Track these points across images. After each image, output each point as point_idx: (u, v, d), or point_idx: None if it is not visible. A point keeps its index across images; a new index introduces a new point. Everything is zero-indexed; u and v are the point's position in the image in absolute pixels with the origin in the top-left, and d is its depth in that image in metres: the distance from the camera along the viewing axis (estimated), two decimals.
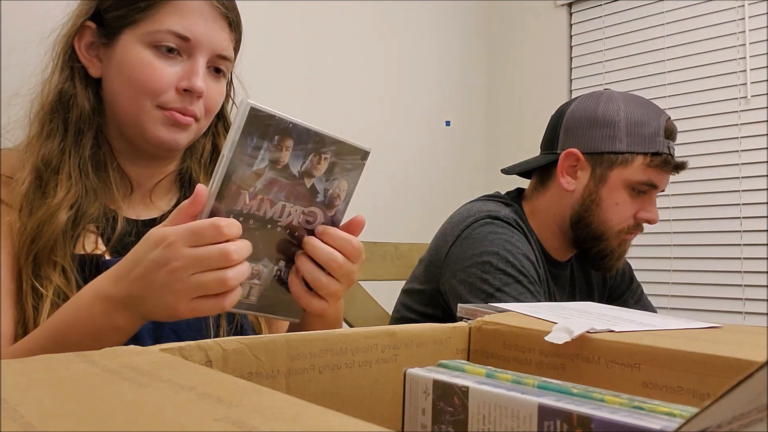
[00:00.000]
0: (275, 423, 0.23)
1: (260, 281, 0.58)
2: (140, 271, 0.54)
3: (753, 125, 1.90)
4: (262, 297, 0.59)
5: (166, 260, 0.52)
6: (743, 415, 0.20)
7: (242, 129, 0.51)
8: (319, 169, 0.56)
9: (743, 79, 1.91)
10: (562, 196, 1.12)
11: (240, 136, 0.51)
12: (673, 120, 1.10)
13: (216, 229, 0.52)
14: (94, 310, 0.57)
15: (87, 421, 0.23)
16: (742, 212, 1.90)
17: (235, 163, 0.52)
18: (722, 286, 1.92)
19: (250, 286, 0.57)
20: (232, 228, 0.53)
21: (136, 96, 0.74)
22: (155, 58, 0.74)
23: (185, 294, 0.53)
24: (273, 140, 0.53)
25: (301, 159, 0.55)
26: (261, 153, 0.52)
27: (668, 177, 1.09)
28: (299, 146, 0.54)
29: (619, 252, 1.11)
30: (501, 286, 1.00)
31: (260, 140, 0.52)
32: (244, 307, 0.58)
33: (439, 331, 0.51)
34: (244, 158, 0.52)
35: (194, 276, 0.52)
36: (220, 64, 0.78)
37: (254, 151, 0.52)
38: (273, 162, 0.53)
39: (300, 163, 0.55)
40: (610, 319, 0.54)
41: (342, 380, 0.45)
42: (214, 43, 0.76)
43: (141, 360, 0.34)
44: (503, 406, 0.33)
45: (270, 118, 0.52)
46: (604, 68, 2.24)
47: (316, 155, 0.55)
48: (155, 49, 0.74)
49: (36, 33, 0.81)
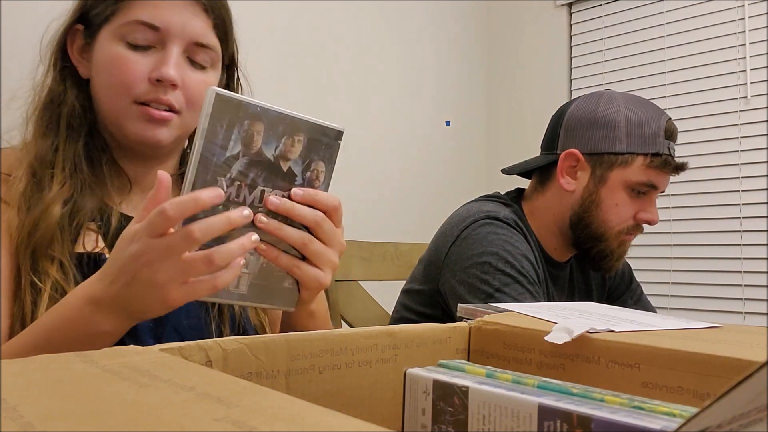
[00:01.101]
0: (275, 423, 0.23)
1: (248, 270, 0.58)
2: (120, 270, 0.54)
3: (753, 125, 1.90)
4: (253, 286, 0.58)
5: (139, 254, 0.52)
6: (743, 415, 0.20)
7: (210, 116, 0.52)
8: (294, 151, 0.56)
9: (743, 79, 1.91)
10: (562, 197, 1.12)
11: (209, 123, 0.52)
12: (673, 120, 1.10)
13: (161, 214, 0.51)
14: (81, 313, 0.56)
15: (87, 421, 0.23)
16: (742, 212, 1.90)
17: (207, 150, 0.52)
18: (722, 286, 1.92)
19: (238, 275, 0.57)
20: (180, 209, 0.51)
21: (114, 93, 0.73)
22: (127, 51, 0.72)
23: (173, 281, 0.52)
24: (243, 125, 0.53)
25: (274, 142, 0.55)
26: (233, 138, 0.53)
27: (668, 178, 1.09)
28: (271, 130, 0.55)
29: (618, 253, 1.11)
30: (500, 286, 1.00)
31: (230, 126, 0.53)
32: (235, 298, 0.58)
33: (439, 331, 0.51)
34: (217, 145, 0.53)
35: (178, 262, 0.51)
36: (201, 53, 0.75)
37: (225, 137, 0.53)
38: (246, 147, 0.54)
39: (274, 147, 0.55)
40: (610, 319, 0.54)
41: (342, 380, 0.45)
42: (187, 31, 0.73)
43: (141, 360, 0.34)
44: (503, 406, 0.33)
45: (237, 104, 0.53)
46: (604, 68, 2.24)
47: (289, 138, 0.56)
48: (127, 43, 0.72)
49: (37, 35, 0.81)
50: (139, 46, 0.73)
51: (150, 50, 0.73)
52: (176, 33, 0.73)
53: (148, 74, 0.72)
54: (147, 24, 0.72)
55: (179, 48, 0.73)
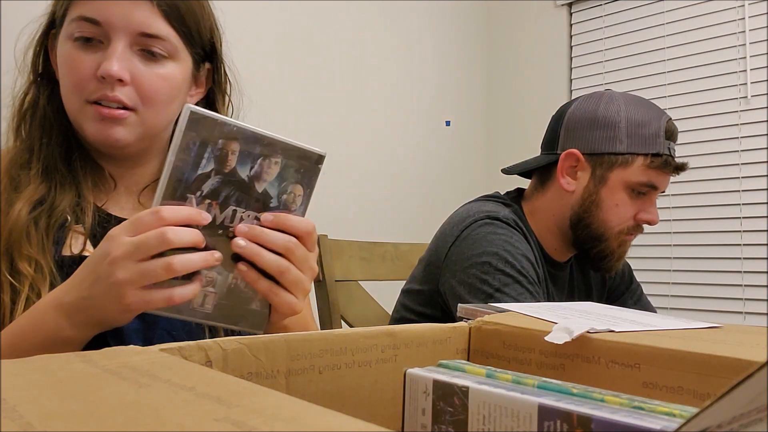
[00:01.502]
0: (275, 423, 0.23)
1: (215, 289, 0.57)
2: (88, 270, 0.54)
3: (753, 125, 1.90)
4: (219, 306, 0.57)
5: (106, 253, 0.52)
6: (743, 415, 0.20)
7: (184, 132, 0.51)
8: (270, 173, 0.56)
9: (743, 79, 1.91)
10: (562, 197, 1.12)
11: (182, 139, 0.52)
12: (673, 120, 1.10)
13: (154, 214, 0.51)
14: (46, 318, 0.56)
15: (87, 421, 0.23)
16: (742, 212, 1.90)
17: (179, 166, 0.52)
18: (722, 286, 1.92)
19: (204, 293, 0.56)
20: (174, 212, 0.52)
21: (69, 93, 0.73)
22: (75, 49, 0.71)
23: (130, 282, 0.52)
24: (217, 144, 0.53)
25: (249, 163, 0.55)
26: (206, 156, 0.53)
27: (668, 178, 1.09)
28: (246, 150, 0.54)
29: (618, 253, 1.11)
30: (500, 286, 1.00)
31: (204, 144, 0.52)
32: (199, 316, 0.57)
33: (439, 331, 0.51)
34: (188, 162, 0.52)
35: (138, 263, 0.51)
36: (152, 44, 0.72)
37: (198, 154, 0.52)
38: (219, 166, 0.53)
39: (248, 167, 0.55)
40: (610, 319, 0.54)
41: (342, 380, 0.45)
42: (131, 22, 0.70)
43: (141, 360, 0.34)
44: (503, 406, 0.33)
45: (213, 122, 0.52)
46: (604, 68, 2.24)
47: (266, 159, 0.55)
48: (75, 41, 0.71)
49: None
50: (86, 43, 0.71)
51: (96, 46, 0.71)
52: (119, 26, 0.70)
53: (95, 72, 0.70)
54: (88, 19, 0.70)
55: (124, 41, 0.70)
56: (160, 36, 0.72)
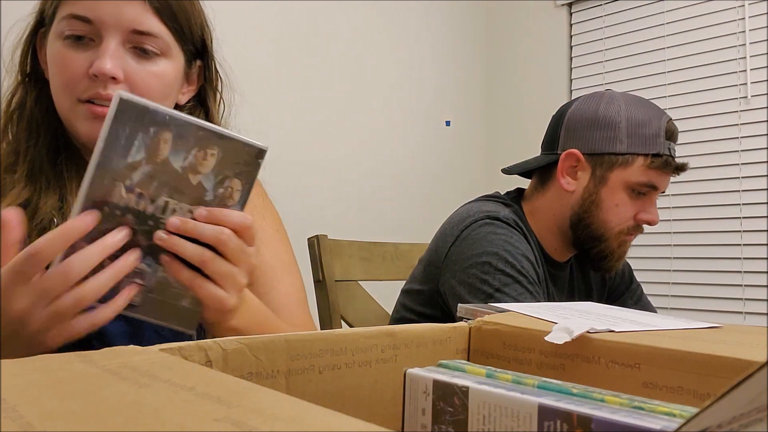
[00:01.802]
0: (275, 423, 0.23)
1: (143, 281, 0.55)
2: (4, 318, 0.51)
3: (753, 125, 1.90)
4: (148, 300, 0.56)
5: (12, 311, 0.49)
6: (743, 415, 0.20)
7: (113, 118, 0.50)
8: (205, 165, 0.54)
9: (743, 79, 1.91)
10: (562, 197, 1.12)
11: (111, 125, 0.50)
12: (673, 120, 1.10)
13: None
14: None
15: (87, 421, 0.23)
16: (742, 212, 1.90)
17: (107, 153, 0.51)
18: (722, 286, 1.92)
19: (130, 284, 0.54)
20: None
21: (60, 92, 0.72)
22: (65, 48, 0.70)
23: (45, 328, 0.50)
24: (148, 132, 0.51)
25: (182, 153, 0.53)
26: (136, 144, 0.51)
27: (669, 178, 1.09)
28: (179, 140, 0.52)
29: (618, 253, 1.11)
30: (500, 286, 1.00)
31: (134, 131, 0.51)
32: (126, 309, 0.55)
33: (439, 331, 0.51)
34: (117, 148, 0.51)
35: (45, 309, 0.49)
36: (145, 42, 0.71)
37: (128, 141, 0.51)
38: (150, 155, 0.52)
39: (182, 158, 0.53)
40: (610, 319, 0.54)
41: (342, 380, 0.45)
42: (122, 19, 0.69)
43: (141, 360, 0.34)
44: (503, 406, 0.33)
45: (144, 109, 0.51)
46: (604, 68, 2.24)
47: (201, 150, 0.53)
48: (65, 40, 0.70)
49: None
50: (77, 42, 0.70)
51: (88, 44, 0.70)
52: (110, 23, 0.69)
53: (87, 70, 0.69)
54: (79, 17, 0.69)
55: (116, 39, 0.69)
56: (152, 33, 0.71)
